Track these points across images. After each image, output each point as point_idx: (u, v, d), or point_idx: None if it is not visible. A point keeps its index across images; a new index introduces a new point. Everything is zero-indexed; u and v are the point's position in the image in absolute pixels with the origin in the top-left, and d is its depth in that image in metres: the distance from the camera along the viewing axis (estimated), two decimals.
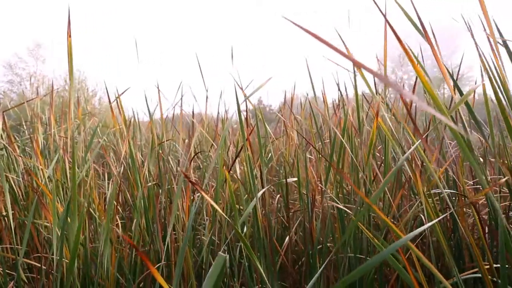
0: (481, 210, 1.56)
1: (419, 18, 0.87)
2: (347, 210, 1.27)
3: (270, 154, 2.06)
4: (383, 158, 1.40)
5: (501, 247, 0.68)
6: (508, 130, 0.70)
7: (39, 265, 1.31)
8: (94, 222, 1.65)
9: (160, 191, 1.62)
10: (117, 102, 1.48)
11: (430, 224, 0.58)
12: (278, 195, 1.72)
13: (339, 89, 1.50)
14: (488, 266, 1.02)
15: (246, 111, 1.44)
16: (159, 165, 1.53)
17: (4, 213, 1.49)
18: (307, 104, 1.94)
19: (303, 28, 0.32)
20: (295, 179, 1.45)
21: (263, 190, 1.08)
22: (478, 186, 1.66)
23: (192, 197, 1.56)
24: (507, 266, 0.81)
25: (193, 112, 1.81)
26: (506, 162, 1.05)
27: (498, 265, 1.03)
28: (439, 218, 0.66)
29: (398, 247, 0.57)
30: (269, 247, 1.03)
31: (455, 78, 1.36)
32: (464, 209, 1.40)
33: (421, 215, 1.26)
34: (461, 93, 1.04)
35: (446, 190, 1.20)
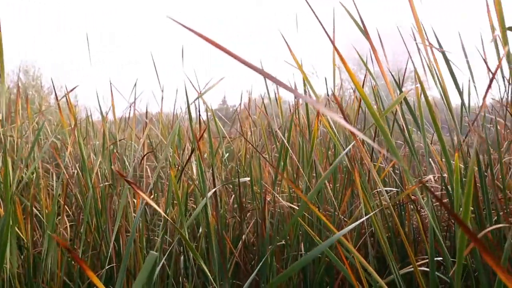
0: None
1: (363, 22, 0.90)
2: (296, 208, 1.30)
3: (227, 154, 2.07)
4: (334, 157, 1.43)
5: (430, 240, 0.72)
6: (435, 126, 0.74)
7: None
8: (43, 224, 1.58)
9: (114, 191, 1.58)
10: (66, 99, 1.42)
11: (363, 219, 0.60)
12: (234, 195, 1.72)
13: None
14: (427, 260, 1.08)
15: (196, 110, 1.44)
16: (111, 165, 1.49)
17: None
18: (263, 106, 1.96)
19: (191, 29, 0.32)
20: (248, 178, 1.46)
21: (213, 190, 1.08)
22: (433, 185, 1.73)
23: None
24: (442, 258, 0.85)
25: (146, 111, 1.78)
26: (443, 160, 1.12)
27: (439, 258, 1.09)
28: (370, 215, 0.69)
29: (333, 242, 0.59)
30: (219, 247, 1.04)
31: (401, 82, 1.42)
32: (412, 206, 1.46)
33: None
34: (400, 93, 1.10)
35: (388, 188, 1.26)
